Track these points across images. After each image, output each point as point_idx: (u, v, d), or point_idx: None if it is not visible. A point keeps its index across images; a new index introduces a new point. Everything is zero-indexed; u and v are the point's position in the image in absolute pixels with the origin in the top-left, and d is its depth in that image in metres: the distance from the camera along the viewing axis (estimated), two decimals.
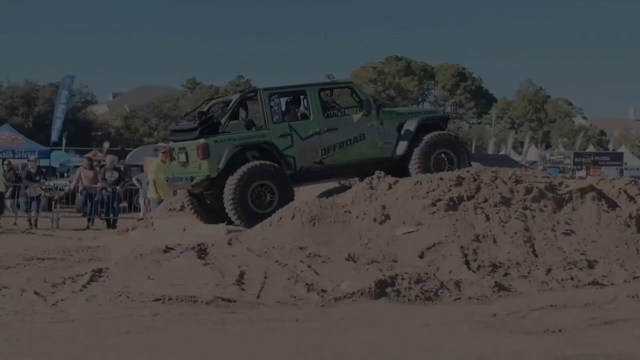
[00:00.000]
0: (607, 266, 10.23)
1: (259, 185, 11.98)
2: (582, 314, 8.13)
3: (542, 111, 79.20)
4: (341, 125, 12.67)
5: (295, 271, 9.30)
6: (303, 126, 12.49)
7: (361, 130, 12.76)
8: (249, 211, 11.86)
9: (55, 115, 28.00)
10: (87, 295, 8.19)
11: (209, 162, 11.96)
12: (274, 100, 12.56)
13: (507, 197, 11.12)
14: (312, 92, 12.68)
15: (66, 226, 18.33)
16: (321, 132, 12.48)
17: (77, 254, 12.35)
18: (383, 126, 12.93)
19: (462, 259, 9.78)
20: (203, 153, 11.93)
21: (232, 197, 11.83)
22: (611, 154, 41.44)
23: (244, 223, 11.80)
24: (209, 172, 12.03)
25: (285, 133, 12.36)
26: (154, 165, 16.97)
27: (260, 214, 11.71)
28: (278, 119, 12.49)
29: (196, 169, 12.21)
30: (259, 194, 12.01)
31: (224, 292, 8.51)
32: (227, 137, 12.13)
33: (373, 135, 12.85)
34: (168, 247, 10.36)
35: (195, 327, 6.82)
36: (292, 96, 13.03)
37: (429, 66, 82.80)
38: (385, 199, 11.12)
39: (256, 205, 11.95)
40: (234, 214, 11.88)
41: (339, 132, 12.61)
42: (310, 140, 12.45)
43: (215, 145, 11.98)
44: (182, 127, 12.66)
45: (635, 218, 11.24)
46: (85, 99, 76.12)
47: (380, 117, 12.93)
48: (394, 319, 7.60)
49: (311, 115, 12.58)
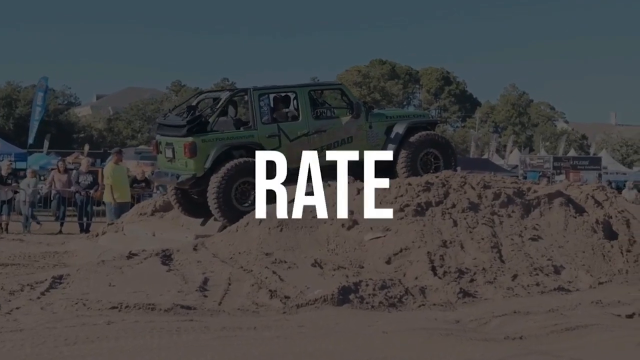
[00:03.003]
0: (573, 272, 10.26)
1: (243, 183, 11.92)
2: (545, 320, 8.12)
3: (525, 115, 79.45)
4: (330, 127, 12.63)
5: (260, 277, 9.24)
6: (292, 127, 12.43)
7: (349, 132, 12.72)
8: (233, 208, 11.80)
9: (33, 117, 27.73)
10: (44, 303, 8.05)
11: (195, 160, 11.88)
12: (264, 101, 12.54)
13: (475, 202, 11.10)
14: (303, 93, 12.62)
15: (39, 230, 18.15)
16: (309, 134, 12.44)
17: (42, 260, 12.21)
18: (372, 129, 12.90)
19: (429, 265, 9.75)
20: (190, 152, 11.85)
21: (215, 194, 11.77)
22: (590, 159, 41.56)
23: (227, 220, 11.76)
24: (195, 171, 11.95)
25: (273, 134, 12.29)
26: (109, 169, 16.68)
27: (243, 211, 11.66)
28: (267, 119, 12.46)
29: (182, 167, 12.14)
30: (243, 192, 11.95)
31: (185, 299, 8.42)
32: (215, 137, 12.03)
33: (361, 137, 12.82)
34: (132, 253, 10.26)
35: (148, 336, 6.72)
36: (282, 96, 12.97)
37: (413, 70, 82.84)
38: (354, 204, 11.07)
39: (240, 203, 11.89)
40: (217, 211, 11.83)
41: (327, 134, 12.56)
42: (298, 141, 12.39)
43: (202, 144, 11.89)
44: (170, 122, 12.52)
45: (602, 224, 11.28)
46: (68, 100, 75.79)
47: (369, 120, 12.91)
48: (354, 326, 7.53)
49: (300, 117, 12.55)
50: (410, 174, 12.61)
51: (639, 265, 10.63)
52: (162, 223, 13.65)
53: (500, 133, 73.40)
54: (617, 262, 10.66)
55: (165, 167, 12.69)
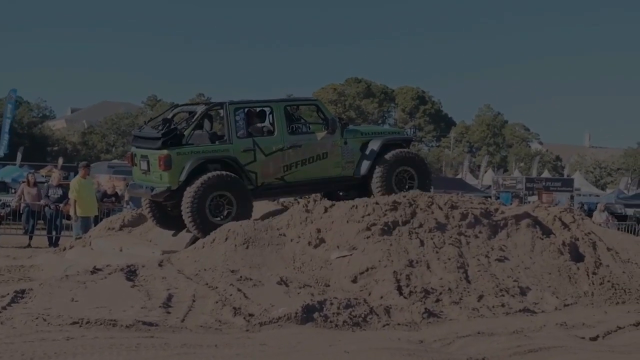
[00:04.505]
0: (539, 293, 10.28)
1: (217, 196, 11.91)
2: (508, 341, 8.13)
3: (499, 136, 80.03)
4: (305, 142, 12.64)
5: (225, 294, 9.18)
6: (267, 142, 12.43)
7: (324, 148, 12.75)
8: (207, 221, 11.77)
9: (3, 129, 27.54)
10: (4, 317, 7.95)
11: (170, 173, 11.86)
12: (239, 115, 12.52)
13: (443, 222, 11.12)
14: (278, 108, 12.64)
15: (7, 243, 17.94)
16: (284, 149, 12.45)
17: (7, 274, 12.06)
18: (346, 145, 12.94)
19: (395, 285, 9.73)
20: (165, 164, 11.83)
21: (189, 206, 11.74)
22: (563, 180, 41.85)
23: (201, 233, 11.72)
24: (170, 184, 11.91)
25: (248, 148, 12.30)
26: (75, 183, 16.55)
27: (218, 224, 11.63)
28: (242, 133, 12.44)
29: (157, 179, 12.10)
30: (217, 205, 11.93)
31: (148, 315, 8.34)
32: (190, 150, 12.01)
33: (336, 154, 12.85)
34: (96, 268, 10.15)
35: (107, 352, 6.64)
36: (258, 111, 12.98)
37: (389, 89, 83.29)
38: (321, 223, 11.06)
39: (214, 216, 11.88)
40: (192, 224, 11.80)
41: (302, 150, 12.58)
42: (273, 156, 12.40)
43: (177, 158, 11.87)
44: (146, 134, 12.50)
45: (569, 245, 11.33)
46: (43, 113, 75.34)
47: (344, 136, 12.95)
48: (316, 345, 7.50)
49: (275, 131, 12.55)
50: (384, 191, 12.63)
51: (604, 288, 10.69)
52: (130, 238, 13.55)
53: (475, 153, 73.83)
54: (583, 284, 10.71)
55: (140, 179, 12.65)
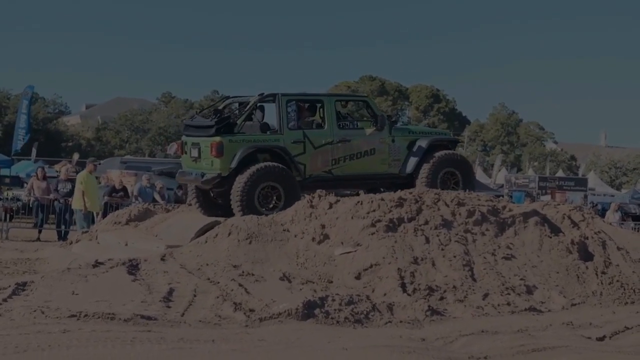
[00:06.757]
0: (546, 292, 10.14)
1: (267, 187, 12.13)
2: (512, 340, 8.00)
3: (514, 135, 79.56)
4: (353, 137, 12.90)
5: (226, 289, 9.11)
6: (317, 135, 12.68)
7: (372, 144, 13.01)
8: (255, 210, 11.90)
9: (18, 125, 27.61)
10: (3, 309, 7.92)
11: (222, 160, 12.10)
12: (291, 107, 12.71)
13: (449, 219, 10.98)
14: (329, 102, 12.92)
15: (17, 237, 17.98)
16: (333, 143, 12.70)
17: (13, 266, 12.06)
18: (394, 143, 13.19)
19: (398, 282, 9.63)
20: (217, 151, 12.07)
21: (239, 194, 11.96)
22: (576, 179, 41.31)
23: None
24: (221, 170, 12.17)
25: (298, 140, 12.55)
26: (82, 176, 16.53)
27: (265, 214, 11.71)
28: (293, 125, 12.63)
29: (208, 166, 12.35)
30: (266, 195, 12.16)
31: (147, 309, 8.27)
32: (242, 138, 12.29)
33: (383, 150, 13.08)
34: (98, 261, 10.12)
35: (101, 345, 6.57)
36: (308, 105, 13.17)
37: (403, 87, 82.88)
38: (325, 218, 10.97)
39: (262, 206, 12.08)
40: (240, 212, 11.92)
41: (350, 145, 12.83)
42: (322, 149, 12.65)
43: (229, 145, 12.13)
44: (198, 123, 12.82)
45: (578, 244, 11.15)
46: (58, 109, 75.62)
47: (392, 134, 13.17)
48: (315, 341, 7.40)
49: (325, 125, 12.77)
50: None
51: (613, 288, 10.53)
52: (136, 232, 13.50)
53: (489, 152, 73.50)
54: (592, 284, 10.56)
55: (190, 166, 12.90)
